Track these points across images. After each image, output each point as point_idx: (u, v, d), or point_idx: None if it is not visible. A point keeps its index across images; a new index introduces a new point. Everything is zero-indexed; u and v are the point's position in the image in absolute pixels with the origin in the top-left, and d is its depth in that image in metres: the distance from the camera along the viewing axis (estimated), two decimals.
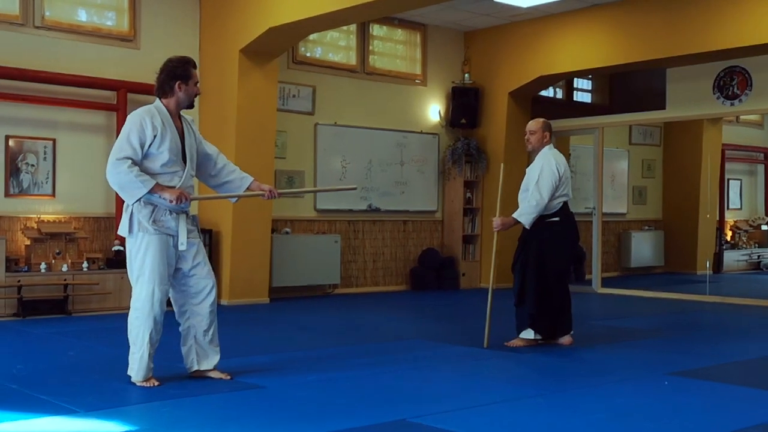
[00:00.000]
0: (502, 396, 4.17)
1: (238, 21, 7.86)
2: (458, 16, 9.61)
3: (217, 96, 8.15)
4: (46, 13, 7.50)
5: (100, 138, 7.78)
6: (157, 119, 4.31)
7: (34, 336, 6.05)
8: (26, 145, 7.38)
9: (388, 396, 4.20)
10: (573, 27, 9.37)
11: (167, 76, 4.38)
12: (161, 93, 4.42)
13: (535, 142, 5.79)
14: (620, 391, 4.33)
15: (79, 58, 7.61)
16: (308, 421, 3.66)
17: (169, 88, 4.39)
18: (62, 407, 3.77)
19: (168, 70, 4.40)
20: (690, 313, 8.01)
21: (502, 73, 10.01)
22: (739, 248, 12.41)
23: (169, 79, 4.38)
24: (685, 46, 8.40)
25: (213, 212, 8.21)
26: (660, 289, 9.80)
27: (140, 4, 8.00)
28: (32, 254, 7.21)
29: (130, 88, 7.75)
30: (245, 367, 4.81)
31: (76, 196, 7.63)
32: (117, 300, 7.39)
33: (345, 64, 9.42)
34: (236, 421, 3.62)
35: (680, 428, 3.61)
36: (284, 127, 8.69)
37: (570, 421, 3.72)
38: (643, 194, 12.13)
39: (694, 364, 5.18)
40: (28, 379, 4.42)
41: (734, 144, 12.29)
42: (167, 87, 4.39)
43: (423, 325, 7.07)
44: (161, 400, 3.92)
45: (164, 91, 4.41)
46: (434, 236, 10.14)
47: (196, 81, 4.47)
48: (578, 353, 5.53)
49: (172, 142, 4.33)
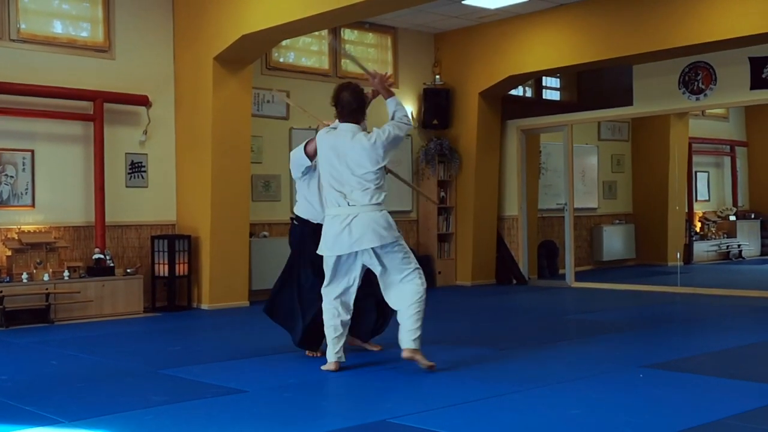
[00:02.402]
0: (481, 394, 4.22)
1: (212, 29, 7.98)
2: (428, 18, 9.78)
3: (192, 103, 8.29)
4: (22, 26, 7.59)
5: (78, 148, 7.90)
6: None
7: (17, 346, 6.13)
8: (5, 156, 7.48)
9: (369, 397, 4.28)
10: (540, 27, 9.56)
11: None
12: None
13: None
14: (596, 386, 4.40)
15: (56, 70, 7.71)
16: (291, 424, 3.74)
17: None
18: (47, 418, 3.84)
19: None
20: (662, 305, 8.15)
21: (472, 73, 10.20)
22: (709, 239, 12.66)
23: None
24: (650, 43, 8.60)
25: (191, 218, 8.36)
26: (632, 282, 9.98)
27: (114, 15, 8.10)
28: (14, 264, 7.32)
29: (107, 98, 7.87)
30: (226, 372, 4.93)
31: (55, 206, 7.74)
32: (98, 308, 7.53)
33: (318, 69, 9.57)
34: (220, 426, 3.71)
35: (657, 421, 3.67)
36: (259, 132, 8.83)
37: (548, 416, 3.80)
38: (613, 189, 12.37)
39: (669, 356, 5.28)
40: (12, 390, 4.49)
41: (701, 137, 12.53)
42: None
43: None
44: (143, 408, 4.02)
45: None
46: (410, 235, 10.34)
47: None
48: (553, 348, 5.64)
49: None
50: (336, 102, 4.86)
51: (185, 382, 4.65)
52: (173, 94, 8.49)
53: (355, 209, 4.69)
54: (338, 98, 4.85)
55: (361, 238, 4.65)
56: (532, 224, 10.74)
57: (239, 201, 8.29)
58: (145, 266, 8.16)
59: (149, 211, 8.35)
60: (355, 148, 4.72)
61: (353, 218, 4.66)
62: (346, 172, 4.71)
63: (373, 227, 4.65)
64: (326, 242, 4.77)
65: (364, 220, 4.66)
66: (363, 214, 4.68)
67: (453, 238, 10.46)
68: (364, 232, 4.65)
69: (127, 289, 7.74)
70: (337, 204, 4.73)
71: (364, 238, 4.65)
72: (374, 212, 4.70)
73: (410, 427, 3.62)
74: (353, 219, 4.66)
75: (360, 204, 4.68)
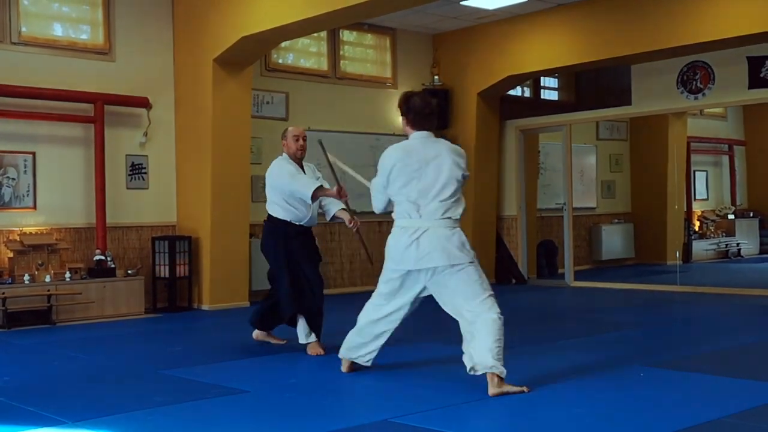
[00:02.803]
0: (482, 393, 4.18)
1: (211, 31, 8.02)
2: (426, 19, 9.82)
3: (192, 105, 8.32)
4: (23, 29, 7.63)
5: (79, 150, 7.94)
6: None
7: (19, 347, 6.16)
8: (6, 159, 7.52)
9: (370, 397, 4.29)
10: (539, 27, 9.60)
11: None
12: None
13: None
14: (597, 385, 4.41)
15: (56, 72, 7.75)
16: (292, 423, 3.76)
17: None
18: (50, 418, 3.87)
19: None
20: (662, 304, 8.18)
21: (470, 74, 10.24)
22: (707, 238, 12.70)
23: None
24: (648, 42, 8.64)
25: (192, 219, 8.39)
26: (631, 281, 10.02)
27: (114, 17, 8.14)
28: (16, 266, 7.36)
29: (107, 100, 7.91)
30: (227, 372, 4.97)
31: (56, 208, 7.78)
32: (100, 309, 7.56)
33: (317, 70, 9.62)
34: (221, 426, 3.75)
35: (658, 420, 3.69)
36: (259, 134, 8.86)
37: (550, 416, 3.81)
38: (611, 188, 12.41)
39: (668, 354, 5.31)
40: (15, 391, 4.51)
41: (699, 136, 12.59)
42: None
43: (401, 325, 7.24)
44: (147, 408, 4.05)
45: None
46: None
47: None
48: (554, 348, 5.67)
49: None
50: (407, 109, 4.43)
51: (187, 383, 4.68)
52: (173, 96, 8.53)
53: (427, 223, 4.28)
54: (409, 105, 4.43)
55: (429, 255, 4.24)
56: (531, 224, 10.77)
57: (239, 202, 8.33)
58: (145, 267, 8.20)
59: (150, 213, 8.38)
60: (450, 159, 4.30)
61: (423, 232, 4.27)
62: (425, 181, 4.29)
63: (444, 244, 4.24)
64: (393, 256, 4.40)
65: (434, 235, 4.25)
66: (434, 230, 4.26)
67: None
68: (432, 248, 4.24)
69: (128, 290, 7.78)
70: (408, 216, 4.34)
71: (432, 255, 4.24)
72: (446, 228, 4.28)
73: (412, 427, 3.64)
74: (423, 233, 4.27)
75: (434, 218, 4.27)
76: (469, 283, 4.27)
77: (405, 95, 4.52)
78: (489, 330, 4.19)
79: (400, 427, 3.65)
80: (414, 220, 4.30)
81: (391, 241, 4.41)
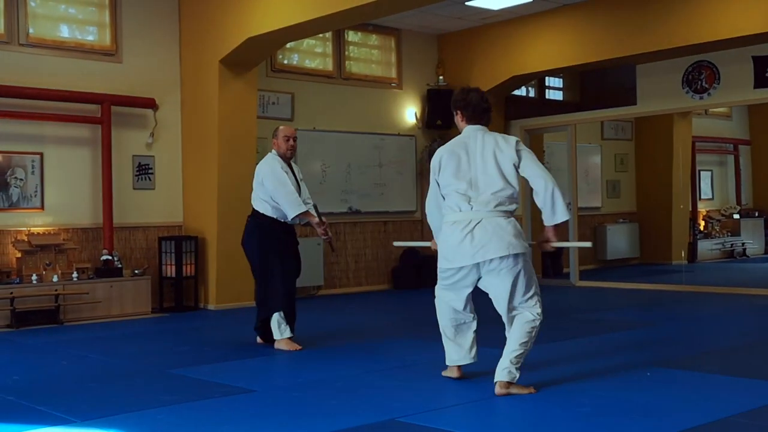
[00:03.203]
0: (489, 392, 4.19)
1: (218, 32, 8.06)
2: (431, 20, 9.84)
3: (198, 106, 8.36)
4: (30, 31, 7.67)
5: (86, 151, 7.98)
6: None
7: (27, 346, 6.21)
8: (14, 159, 7.57)
9: (378, 396, 4.29)
10: (544, 27, 9.62)
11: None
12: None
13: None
14: (603, 384, 4.40)
15: (64, 74, 7.80)
16: (299, 423, 3.77)
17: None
18: (59, 417, 3.90)
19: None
20: (667, 303, 8.18)
21: (475, 74, 10.25)
22: (713, 237, 12.72)
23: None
24: (653, 42, 8.66)
25: (198, 219, 8.43)
26: (637, 281, 10.02)
27: (121, 18, 8.18)
28: (23, 266, 7.41)
29: (114, 101, 7.95)
30: (234, 371, 4.99)
31: (64, 208, 7.83)
32: (107, 308, 7.61)
33: (322, 71, 9.65)
34: (229, 426, 3.76)
35: (665, 419, 3.69)
36: (265, 134, 8.86)
37: (556, 415, 3.80)
38: (616, 188, 12.42)
39: (675, 354, 5.31)
40: (24, 390, 4.55)
41: (704, 136, 12.60)
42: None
43: (407, 324, 7.28)
44: (155, 407, 4.08)
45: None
46: (414, 236, 10.39)
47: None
48: (559, 347, 5.67)
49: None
50: (465, 104, 4.37)
51: (194, 382, 4.71)
52: (179, 97, 8.57)
53: (479, 214, 4.17)
54: (467, 100, 4.37)
55: (485, 248, 4.13)
56: (537, 223, 10.77)
57: (245, 202, 8.23)
58: (152, 267, 8.25)
59: (156, 213, 8.43)
60: (501, 148, 4.26)
61: (477, 224, 4.16)
62: (475, 173, 4.24)
63: (500, 233, 4.13)
64: (446, 254, 4.28)
65: (488, 225, 4.15)
66: (487, 220, 4.16)
67: None
68: (488, 240, 4.13)
69: (135, 289, 7.83)
70: (458, 209, 4.22)
71: (488, 247, 4.12)
72: (501, 218, 4.19)
73: (419, 426, 3.64)
74: (477, 225, 4.16)
75: (486, 209, 4.17)
76: (520, 279, 4.19)
77: (463, 90, 4.46)
78: (520, 331, 4.20)
79: (407, 427, 3.66)
80: (465, 212, 4.19)
81: (442, 237, 4.30)
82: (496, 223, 4.16)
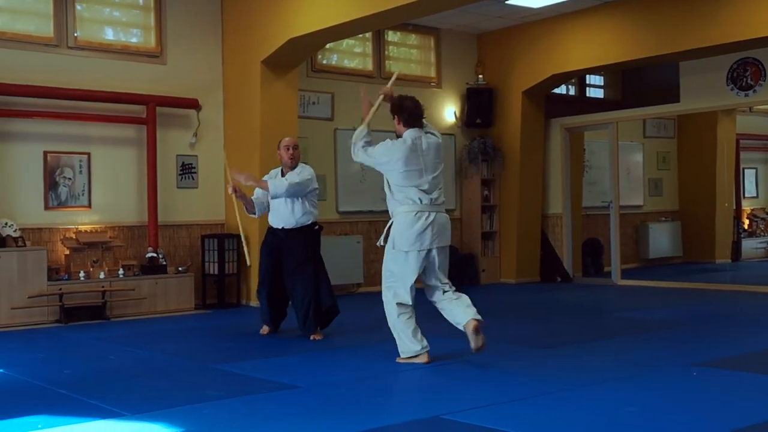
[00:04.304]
0: (532, 391, 4.21)
1: (259, 33, 8.16)
2: (471, 19, 9.84)
3: (240, 106, 8.48)
4: (77, 34, 7.86)
5: (132, 150, 8.15)
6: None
7: (76, 341, 6.36)
8: (63, 159, 7.76)
9: (421, 393, 4.32)
10: (585, 25, 9.56)
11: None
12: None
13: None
14: (648, 384, 4.37)
15: (110, 75, 7.97)
16: (344, 419, 3.80)
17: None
18: (110, 411, 4.00)
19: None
20: (711, 303, 8.08)
21: (515, 72, 10.24)
22: (757, 236, 12.52)
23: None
24: (697, 39, 8.55)
25: (241, 218, 8.53)
26: (679, 279, 9.93)
27: (166, 21, 8.34)
28: (72, 263, 7.59)
29: (159, 101, 8.11)
30: (278, 367, 5.06)
31: (110, 207, 8.00)
32: (152, 305, 7.77)
33: (362, 70, 9.71)
34: (276, 421, 3.80)
35: (713, 420, 3.66)
36: (305, 134, 8.99)
37: (601, 415, 3.77)
38: (658, 186, 12.29)
39: (721, 354, 5.25)
40: (75, 384, 4.67)
41: (748, 134, 12.39)
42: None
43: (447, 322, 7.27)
44: (200, 402, 4.16)
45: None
46: (453, 234, 10.28)
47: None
48: (602, 346, 5.65)
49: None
50: (400, 110, 5.18)
51: (239, 378, 4.78)
52: (222, 97, 8.70)
53: (435, 207, 4.96)
54: (402, 107, 5.17)
55: (441, 235, 4.95)
56: (577, 222, 10.73)
57: None
58: (195, 264, 8.39)
59: (199, 211, 8.57)
60: (431, 150, 5.06)
61: (435, 216, 4.94)
62: (426, 172, 5.01)
63: (447, 227, 5.04)
64: (409, 239, 4.93)
65: (441, 219, 4.99)
66: (440, 214, 4.99)
67: (497, 236, 10.52)
68: (443, 230, 4.98)
69: (178, 286, 7.97)
70: (419, 202, 4.95)
71: (442, 236, 4.96)
72: (445, 214, 5.08)
73: (463, 424, 3.65)
74: (435, 217, 4.94)
75: (437, 203, 4.98)
76: (447, 262, 5.05)
77: (399, 98, 5.24)
78: (462, 297, 5.02)
79: (451, 424, 3.67)
80: (425, 205, 4.94)
81: (404, 225, 4.94)
82: (445, 217, 5.09)
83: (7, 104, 7.40)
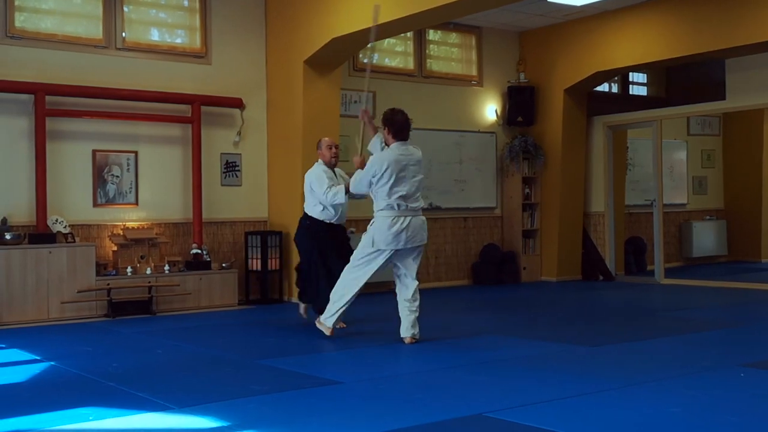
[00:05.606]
0: (576, 390, 4.20)
1: (302, 33, 8.25)
2: (512, 17, 9.82)
3: (283, 105, 8.59)
4: (125, 35, 8.03)
5: (178, 149, 8.31)
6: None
7: (123, 335, 6.51)
8: (111, 158, 7.94)
9: (463, 391, 4.33)
10: (629, 22, 9.48)
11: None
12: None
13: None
14: (695, 384, 4.33)
15: (156, 75, 8.14)
16: (387, 415, 3.84)
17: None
18: (158, 404, 4.10)
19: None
20: (758, 303, 7.96)
21: (557, 70, 10.19)
22: None
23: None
24: (744, 36, 8.44)
25: (283, 215, 8.66)
26: (725, 279, 9.81)
27: (210, 21, 8.48)
28: (119, 259, 7.77)
29: (204, 101, 8.25)
30: (321, 363, 5.14)
31: (156, 204, 8.17)
32: (196, 300, 7.92)
33: (403, 69, 9.76)
34: (319, 416, 3.86)
35: (761, 422, 3.62)
36: (347, 132, 9.06)
37: (646, 414, 3.75)
38: (703, 184, 12.13)
39: (766, 354, 5.18)
40: (123, 377, 4.78)
41: None
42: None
43: (490, 320, 7.29)
44: (245, 396, 4.24)
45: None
46: (494, 232, 10.41)
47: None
48: (647, 345, 5.62)
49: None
50: (391, 123, 5.70)
51: (282, 373, 4.86)
52: (265, 97, 8.82)
53: (411, 212, 5.66)
54: (392, 120, 5.69)
55: (416, 236, 5.68)
56: (619, 220, 10.65)
57: None
58: (239, 261, 8.52)
59: (243, 209, 8.70)
60: (413, 161, 5.71)
61: (411, 220, 5.66)
62: (406, 180, 5.64)
63: (423, 227, 5.76)
64: (385, 239, 5.62)
65: (417, 222, 5.70)
66: (416, 217, 5.69)
67: (538, 234, 10.48)
68: (418, 231, 5.70)
69: (222, 282, 8.11)
70: (398, 207, 5.62)
71: (417, 236, 5.68)
72: (422, 216, 5.74)
73: (507, 422, 3.66)
74: (411, 220, 5.65)
75: (414, 208, 5.67)
76: (419, 259, 5.80)
77: (390, 111, 5.71)
78: (415, 314, 5.84)
79: (494, 422, 3.68)
80: (402, 210, 5.62)
81: (382, 227, 5.61)
82: (421, 220, 5.84)
83: (58, 104, 7.60)
